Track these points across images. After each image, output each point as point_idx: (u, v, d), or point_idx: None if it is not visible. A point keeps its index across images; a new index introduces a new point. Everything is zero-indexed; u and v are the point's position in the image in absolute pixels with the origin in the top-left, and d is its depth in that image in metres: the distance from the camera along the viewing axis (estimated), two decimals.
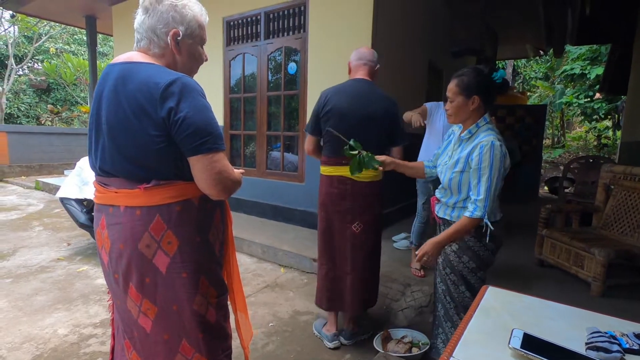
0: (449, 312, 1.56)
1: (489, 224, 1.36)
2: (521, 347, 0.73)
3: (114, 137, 0.93)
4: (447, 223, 1.53)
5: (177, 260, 0.99)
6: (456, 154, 1.47)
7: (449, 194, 1.51)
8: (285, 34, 3.85)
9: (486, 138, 1.37)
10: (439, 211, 1.58)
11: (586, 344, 0.76)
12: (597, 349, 0.73)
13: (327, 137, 1.86)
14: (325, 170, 1.90)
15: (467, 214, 1.38)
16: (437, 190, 1.60)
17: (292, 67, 3.85)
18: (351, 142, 1.53)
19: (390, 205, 3.99)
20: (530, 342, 0.74)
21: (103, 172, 0.98)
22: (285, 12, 3.82)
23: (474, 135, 1.43)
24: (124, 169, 0.95)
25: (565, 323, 0.87)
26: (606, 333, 0.77)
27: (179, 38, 0.99)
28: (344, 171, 1.79)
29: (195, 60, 1.07)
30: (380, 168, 1.58)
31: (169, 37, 0.98)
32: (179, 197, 0.97)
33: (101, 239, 1.02)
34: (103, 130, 0.95)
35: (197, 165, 0.93)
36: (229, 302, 1.20)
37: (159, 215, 0.95)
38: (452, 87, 1.45)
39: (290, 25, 3.81)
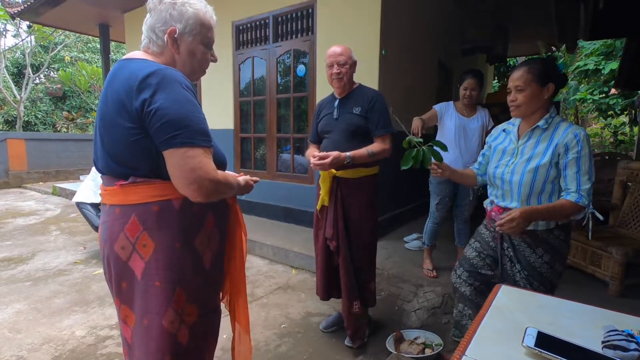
0: None
1: (596, 213, 1.31)
2: (535, 346, 0.72)
3: (102, 134, 0.91)
4: (531, 234, 1.39)
5: (152, 265, 0.90)
6: (530, 149, 1.38)
7: (525, 197, 1.38)
8: (294, 36, 3.88)
9: (574, 126, 1.32)
10: None
11: (602, 342, 0.74)
12: (614, 347, 0.71)
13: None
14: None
15: (570, 197, 1.29)
16: (494, 198, 1.49)
17: (300, 69, 3.88)
18: (410, 138, 1.46)
19: (402, 206, 3.97)
20: (544, 341, 0.73)
21: (105, 171, 0.96)
22: (294, 15, 3.85)
23: (552, 126, 1.36)
24: (107, 166, 0.92)
25: (581, 321, 0.85)
26: (623, 331, 0.75)
27: (175, 36, 0.95)
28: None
29: (196, 59, 1.01)
30: (434, 168, 1.50)
31: (166, 36, 0.95)
32: (157, 196, 0.90)
33: (100, 239, 1.02)
34: (97, 127, 0.94)
35: (169, 160, 0.85)
36: (227, 317, 1.10)
37: (134, 215, 0.89)
38: (522, 74, 1.36)
39: (299, 27, 3.83)
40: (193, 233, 0.95)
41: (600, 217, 1.32)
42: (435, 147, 1.47)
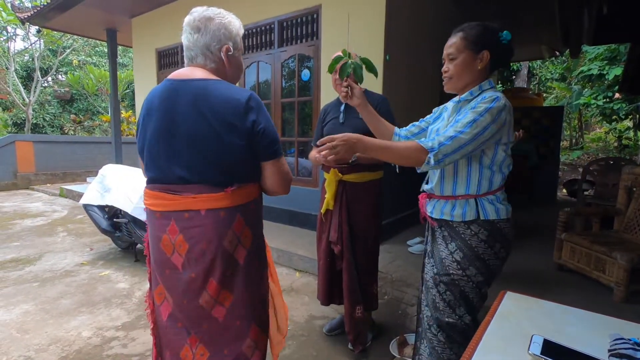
0: (436, 350, 1.22)
1: (431, 166, 1.09)
2: (541, 354, 0.72)
3: (198, 147, 1.01)
4: (448, 225, 1.22)
5: (253, 251, 1.11)
6: (452, 123, 1.18)
7: (447, 180, 1.21)
8: (299, 41, 3.91)
9: (491, 93, 1.14)
10: (433, 210, 1.26)
11: (609, 351, 0.74)
12: (621, 356, 0.71)
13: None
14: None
15: (419, 140, 1.13)
16: (425, 184, 1.32)
17: (305, 73, 3.91)
18: (346, 50, 1.47)
19: (406, 209, 3.97)
20: (550, 349, 0.74)
21: (178, 180, 1.03)
22: (298, 20, 3.88)
23: (477, 98, 1.17)
24: (207, 175, 1.03)
25: (587, 329, 0.85)
26: (630, 340, 0.75)
27: (229, 53, 1.10)
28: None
29: (239, 69, 1.19)
30: (344, 89, 1.40)
31: (222, 53, 1.09)
32: (252, 196, 1.11)
33: (170, 244, 1.05)
34: (179, 141, 1.01)
35: (271, 168, 1.09)
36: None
37: (239, 214, 1.07)
38: (455, 41, 1.19)
39: (303, 32, 3.87)
40: (261, 222, 1.19)
41: (397, 170, 1.15)
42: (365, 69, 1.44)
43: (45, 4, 5.72)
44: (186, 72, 1.06)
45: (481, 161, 1.17)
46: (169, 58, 5.69)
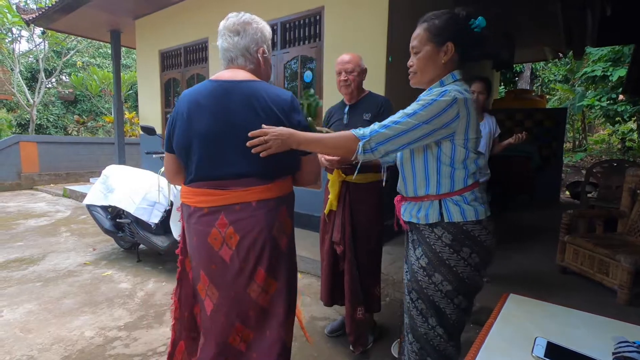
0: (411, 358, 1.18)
1: (362, 156, 1.06)
2: (545, 356, 0.72)
3: (244, 142, 1.08)
4: (416, 229, 1.16)
5: (292, 239, 1.23)
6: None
7: (408, 179, 1.16)
8: (301, 43, 3.92)
9: (447, 87, 1.06)
10: (404, 213, 1.20)
11: (613, 353, 0.74)
12: (625, 359, 0.71)
13: None
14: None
15: (354, 129, 1.09)
16: (399, 185, 1.26)
17: (307, 75, 3.92)
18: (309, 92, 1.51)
19: None
20: (554, 351, 0.74)
21: (231, 175, 1.10)
22: (301, 22, 3.90)
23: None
24: (258, 169, 1.11)
25: (591, 332, 0.85)
26: (634, 343, 0.75)
27: (265, 55, 1.21)
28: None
29: (271, 69, 1.30)
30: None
31: (259, 54, 1.19)
32: (291, 187, 1.23)
33: (219, 238, 1.11)
34: (234, 138, 1.08)
35: (310, 162, 1.21)
36: None
37: (284, 204, 1.17)
38: (418, 32, 1.12)
39: (306, 34, 3.88)
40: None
41: (383, 183, 1.12)
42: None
43: (50, 5, 5.77)
44: (230, 74, 1.14)
45: (439, 158, 1.09)
46: (171, 59, 5.72)
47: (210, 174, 1.11)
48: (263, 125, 1.06)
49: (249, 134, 1.05)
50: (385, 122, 1.06)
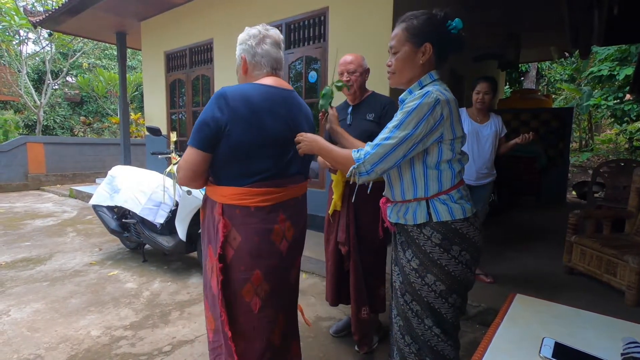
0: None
1: (359, 178, 1.07)
2: (552, 357, 0.72)
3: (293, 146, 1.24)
4: (404, 230, 1.16)
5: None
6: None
7: (395, 185, 1.16)
8: (306, 43, 3.93)
9: (427, 89, 1.06)
10: (391, 214, 1.20)
11: (621, 354, 0.73)
12: (634, 359, 0.71)
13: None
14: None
15: (354, 149, 1.10)
16: (385, 191, 1.27)
17: (312, 75, 3.92)
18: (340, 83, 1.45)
19: None
20: (562, 352, 0.73)
21: (293, 174, 1.24)
22: (306, 23, 3.90)
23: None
24: (304, 168, 1.30)
25: (599, 333, 0.84)
26: None
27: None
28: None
29: None
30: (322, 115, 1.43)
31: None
32: None
33: (280, 233, 1.19)
34: (292, 141, 1.21)
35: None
36: None
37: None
38: (397, 32, 1.11)
39: (311, 35, 3.89)
40: None
41: (359, 176, 1.07)
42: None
43: (57, 8, 5.83)
44: (282, 82, 1.24)
45: (425, 162, 1.09)
46: (177, 60, 5.76)
47: (278, 174, 1.19)
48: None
49: (296, 139, 1.19)
50: (376, 140, 1.06)
